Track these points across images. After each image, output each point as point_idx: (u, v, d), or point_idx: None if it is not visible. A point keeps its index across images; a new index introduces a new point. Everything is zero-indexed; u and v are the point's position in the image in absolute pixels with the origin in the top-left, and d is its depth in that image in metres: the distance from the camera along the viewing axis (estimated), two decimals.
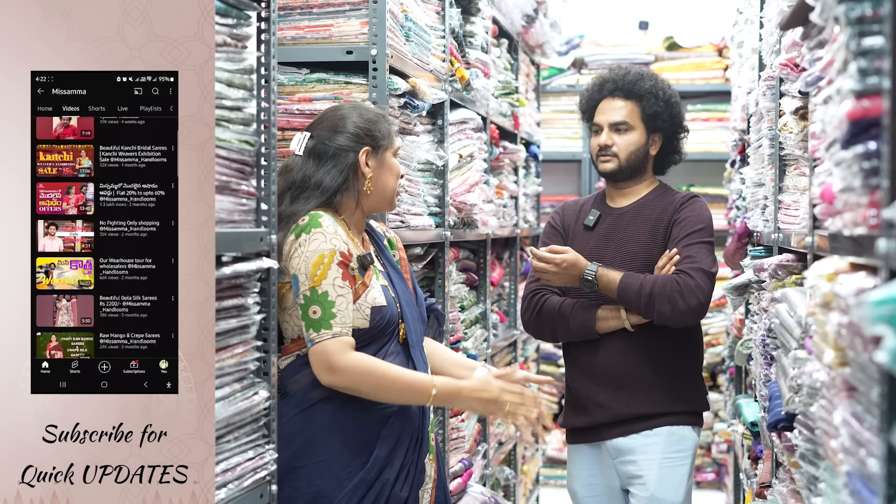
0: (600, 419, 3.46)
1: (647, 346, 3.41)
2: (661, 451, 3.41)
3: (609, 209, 3.60)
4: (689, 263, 3.33)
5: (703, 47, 7.58)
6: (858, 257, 1.75)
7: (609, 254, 3.46)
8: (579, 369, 3.52)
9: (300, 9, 3.34)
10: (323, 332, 2.63)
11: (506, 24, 5.35)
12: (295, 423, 2.69)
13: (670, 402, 3.44)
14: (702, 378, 3.60)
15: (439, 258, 3.99)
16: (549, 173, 7.54)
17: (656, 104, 3.52)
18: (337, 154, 2.78)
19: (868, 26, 1.64)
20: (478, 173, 4.44)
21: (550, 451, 7.34)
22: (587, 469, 3.56)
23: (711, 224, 3.48)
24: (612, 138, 3.52)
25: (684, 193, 3.57)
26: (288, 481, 2.66)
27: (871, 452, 1.53)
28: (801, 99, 2.91)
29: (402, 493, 2.70)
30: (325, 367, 2.64)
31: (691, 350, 3.52)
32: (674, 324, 3.33)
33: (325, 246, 2.66)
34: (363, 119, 2.82)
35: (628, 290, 3.31)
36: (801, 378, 2.25)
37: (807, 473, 2.25)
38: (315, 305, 2.64)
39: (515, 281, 5.77)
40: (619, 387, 3.43)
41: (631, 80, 3.54)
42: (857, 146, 1.65)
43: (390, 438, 2.72)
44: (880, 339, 1.42)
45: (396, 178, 2.87)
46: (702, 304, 3.31)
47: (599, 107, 3.58)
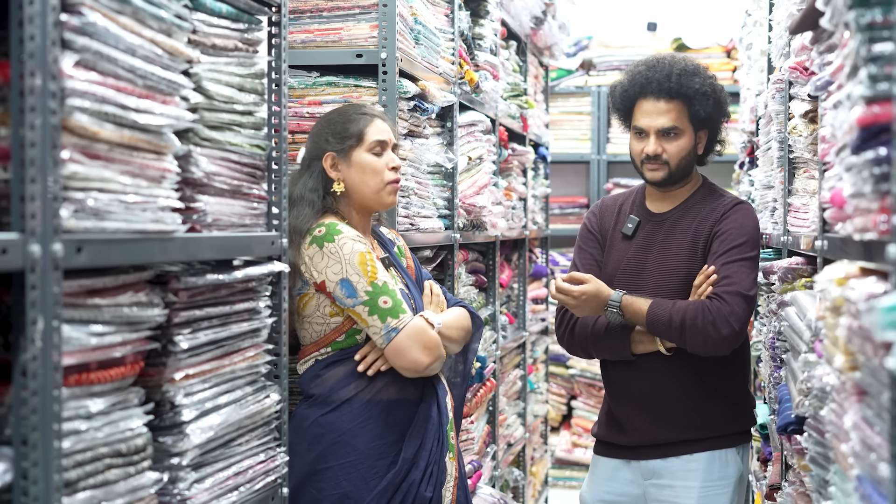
0: (638, 441, 3.20)
1: (687, 367, 3.13)
2: (701, 479, 3.15)
3: (649, 214, 3.27)
4: (725, 286, 3.02)
5: (711, 48, 7.57)
6: (869, 262, 1.75)
7: (649, 267, 3.18)
8: (616, 390, 3.26)
9: (310, 12, 3.35)
10: (402, 317, 2.67)
11: (514, 26, 5.36)
12: (320, 425, 2.71)
13: (713, 427, 3.17)
14: (748, 393, 3.30)
15: (448, 260, 4.00)
16: (558, 175, 7.54)
17: (707, 105, 3.17)
18: (308, 164, 2.85)
19: (878, 32, 1.64)
20: (487, 175, 4.45)
21: (559, 453, 7.34)
22: (607, 485, 3.28)
23: (757, 234, 3.15)
24: (661, 146, 3.16)
25: (730, 198, 3.23)
26: (312, 483, 2.68)
27: (882, 457, 1.53)
28: (811, 102, 2.91)
29: (427, 492, 2.73)
30: (422, 346, 2.68)
31: (736, 366, 3.21)
32: (706, 353, 3.03)
33: (359, 246, 2.70)
34: (329, 122, 2.86)
35: (657, 321, 3.03)
36: (811, 381, 2.25)
37: (817, 477, 2.25)
38: (383, 296, 2.67)
39: (524, 282, 5.77)
40: (658, 410, 3.16)
41: (677, 79, 3.15)
42: (867, 151, 1.65)
43: (415, 439, 2.74)
44: (891, 345, 1.43)
45: (374, 174, 2.83)
46: (736, 333, 2.99)
47: (640, 107, 3.20)
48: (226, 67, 2.25)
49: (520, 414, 5.61)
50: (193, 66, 2.11)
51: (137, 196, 1.90)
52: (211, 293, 2.19)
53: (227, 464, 2.27)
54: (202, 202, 2.14)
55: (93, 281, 1.80)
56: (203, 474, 2.16)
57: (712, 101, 3.17)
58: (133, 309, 1.90)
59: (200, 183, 2.14)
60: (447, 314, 2.87)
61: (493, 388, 4.54)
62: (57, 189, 1.68)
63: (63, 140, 1.70)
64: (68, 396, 1.74)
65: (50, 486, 1.66)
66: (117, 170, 1.84)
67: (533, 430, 6.04)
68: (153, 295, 1.97)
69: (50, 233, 1.66)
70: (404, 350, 2.66)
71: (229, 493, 2.25)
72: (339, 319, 2.73)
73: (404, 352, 2.66)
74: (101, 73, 1.79)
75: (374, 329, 2.67)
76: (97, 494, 1.80)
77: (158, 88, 1.95)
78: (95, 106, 1.76)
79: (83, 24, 1.73)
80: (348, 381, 2.73)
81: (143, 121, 1.88)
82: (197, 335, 2.13)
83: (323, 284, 2.68)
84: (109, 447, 1.84)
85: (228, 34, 2.27)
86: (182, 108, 2.04)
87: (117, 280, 1.86)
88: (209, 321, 2.19)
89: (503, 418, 5.11)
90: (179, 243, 2.03)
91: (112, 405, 1.86)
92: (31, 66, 1.63)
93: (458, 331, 2.86)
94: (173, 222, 2.00)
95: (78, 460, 1.76)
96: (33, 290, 1.63)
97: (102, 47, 1.78)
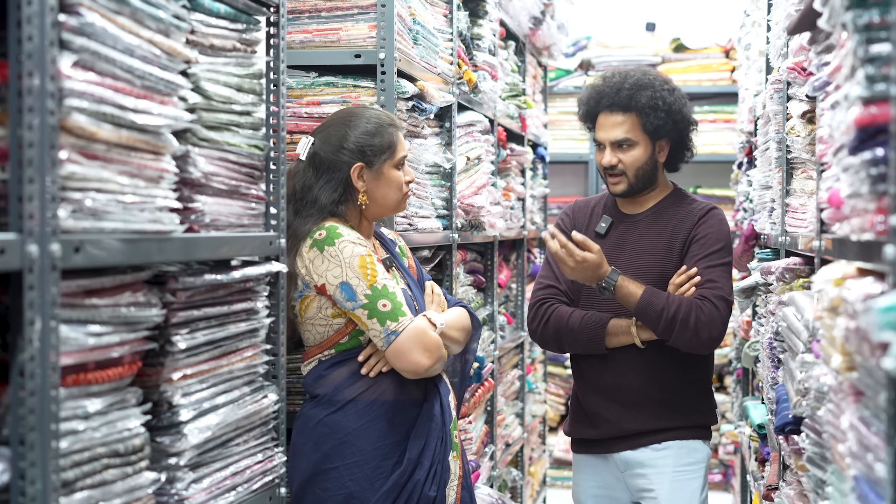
0: (607, 433, 3.33)
1: (656, 362, 3.26)
2: (672, 465, 3.28)
3: (622, 216, 3.41)
4: (712, 290, 3.17)
5: (709, 49, 7.58)
6: (866, 262, 1.75)
7: (621, 264, 3.27)
8: (587, 383, 3.38)
9: (309, 13, 3.35)
10: (402, 320, 2.67)
11: (513, 26, 5.36)
12: (325, 425, 2.71)
13: (680, 417, 3.31)
14: (712, 392, 3.45)
15: (447, 260, 4.00)
16: (556, 175, 7.55)
17: (656, 117, 3.29)
18: (332, 168, 2.80)
19: (876, 33, 1.65)
20: (485, 175, 4.45)
21: (557, 453, 7.35)
22: (593, 481, 3.42)
23: (731, 240, 3.32)
24: (616, 156, 3.30)
25: (702, 204, 3.37)
26: (317, 482, 2.68)
27: (879, 457, 1.53)
28: (809, 103, 2.91)
29: (431, 492, 2.73)
30: (422, 348, 2.68)
31: (702, 366, 3.38)
32: (688, 350, 3.18)
33: (359, 249, 2.70)
34: (362, 132, 2.81)
35: (650, 308, 3.14)
36: (808, 382, 2.25)
37: (814, 477, 2.25)
38: (382, 299, 2.66)
39: (523, 283, 5.78)
40: (628, 403, 3.29)
41: (627, 93, 3.28)
42: (864, 152, 1.66)
43: (419, 439, 2.75)
44: (887, 345, 1.43)
45: (398, 189, 2.86)
46: (721, 336, 3.18)
47: (598, 120, 3.36)
48: (224, 68, 2.25)
49: (518, 414, 5.61)
50: (192, 66, 2.11)
51: (135, 196, 1.90)
52: (209, 293, 2.19)
53: (225, 464, 2.27)
54: (200, 202, 2.14)
55: (90, 281, 1.80)
56: (201, 474, 2.16)
57: (664, 114, 3.29)
58: (131, 309, 1.90)
59: (198, 183, 2.15)
60: (449, 314, 2.87)
61: (491, 388, 4.54)
62: (55, 189, 1.68)
63: (61, 140, 1.70)
64: (66, 397, 1.74)
65: (47, 486, 1.66)
66: (115, 170, 1.84)
67: (531, 430, 6.04)
68: (151, 295, 1.97)
69: (48, 233, 1.66)
70: (404, 352, 2.67)
71: (227, 493, 2.26)
72: (342, 321, 2.72)
73: (404, 354, 2.67)
74: (99, 73, 1.79)
75: (373, 332, 2.67)
76: (95, 494, 1.80)
77: (156, 89, 1.95)
78: (93, 106, 1.76)
79: (81, 25, 1.73)
80: (352, 381, 2.73)
81: (141, 121, 1.88)
82: (195, 335, 2.13)
83: (323, 287, 2.68)
84: (107, 447, 1.84)
85: (227, 34, 2.27)
86: (180, 108, 2.04)
87: (115, 280, 1.86)
88: (207, 321, 2.19)
89: (501, 418, 5.12)
90: (177, 243, 2.03)
91: (110, 405, 1.86)
92: (30, 66, 1.63)
93: (459, 331, 2.86)
94: (171, 222, 2.01)
95: (75, 460, 1.76)
96: (31, 290, 1.64)
97: (100, 48, 1.78)
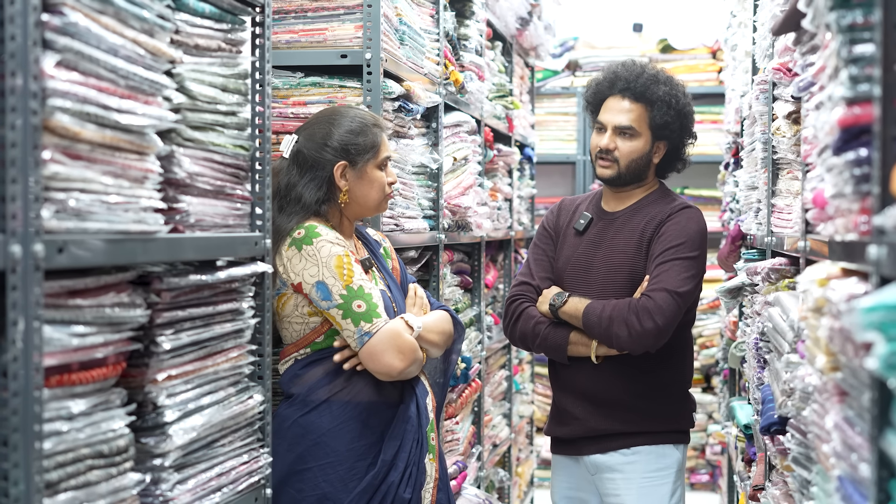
0: (577, 433, 3.34)
1: (626, 365, 3.24)
2: (640, 471, 3.28)
3: (602, 213, 3.41)
4: (654, 284, 3.15)
5: (696, 49, 7.60)
6: (850, 263, 1.76)
7: (596, 263, 3.31)
8: (559, 382, 3.41)
9: (295, 13, 3.35)
10: (376, 321, 2.67)
11: (500, 26, 5.36)
12: (300, 425, 2.72)
13: (650, 422, 3.29)
14: (688, 395, 3.42)
15: (433, 261, 4.00)
16: (544, 175, 7.55)
17: (667, 113, 3.29)
18: (315, 166, 2.81)
19: (859, 34, 1.65)
20: (472, 176, 4.45)
21: (545, 453, 7.34)
22: (566, 482, 3.45)
23: (698, 237, 3.25)
24: (614, 141, 3.30)
25: (679, 202, 3.35)
26: (292, 483, 2.68)
27: (863, 457, 1.53)
28: (794, 103, 2.92)
29: (406, 494, 2.73)
30: (396, 350, 2.67)
31: (676, 368, 3.35)
32: (632, 349, 3.15)
33: (337, 249, 2.70)
34: (346, 131, 2.82)
35: (590, 314, 3.16)
36: (793, 382, 2.26)
37: (799, 477, 2.25)
38: (357, 300, 2.66)
39: (510, 283, 5.78)
40: (597, 402, 3.30)
41: (644, 82, 3.29)
42: (848, 153, 1.66)
43: (394, 440, 2.75)
44: (871, 346, 1.43)
45: (380, 189, 2.87)
46: (660, 328, 3.09)
47: (606, 103, 3.35)
48: (209, 68, 2.25)
49: (505, 415, 5.61)
50: (176, 66, 2.10)
51: (119, 196, 1.89)
52: (194, 294, 2.19)
53: (211, 465, 2.26)
54: (185, 203, 2.14)
55: (74, 282, 1.79)
56: (186, 475, 2.15)
57: (674, 112, 3.30)
58: (115, 310, 1.89)
59: (183, 183, 2.14)
60: (428, 317, 2.87)
61: (478, 388, 4.54)
62: (38, 189, 1.67)
63: (44, 140, 1.69)
64: (49, 397, 1.73)
65: (31, 487, 1.66)
66: (99, 170, 1.84)
67: (518, 431, 6.04)
68: (135, 296, 1.96)
69: (31, 233, 1.65)
70: (377, 354, 2.67)
71: (212, 493, 2.25)
72: (318, 320, 2.73)
73: (377, 356, 2.67)
74: (83, 73, 1.79)
75: (347, 333, 2.68)
76: (79, 496, 1.79)
77: (141, 89, 1.95)
78: (77, 106, 1.75)
79: (64, 25, 1.72)
80: (327, 381, 2.73)
81: (126, 121, 1.88)
82: (180, 336, 2.12)
83: (300, 286, 2.68)
84: (91, 448, 1.83)
85: (212, 34, 2.26)
86: (165, 108, 2.04)
87: (99, 281, 1.86)
88: (192, 322, 2.18)
89: (488, 419, 5.12)
90: (162, 244, 2.03)
91: (94, 406, 1.85)
92: (12, 66, 1.63)
93: (439, 334, 2.85)
94: (156, 223, 2.00)
95: (59, 461, 1.75)
96: (14, 290, 1.63)
97: (84, 47, 1.77)
